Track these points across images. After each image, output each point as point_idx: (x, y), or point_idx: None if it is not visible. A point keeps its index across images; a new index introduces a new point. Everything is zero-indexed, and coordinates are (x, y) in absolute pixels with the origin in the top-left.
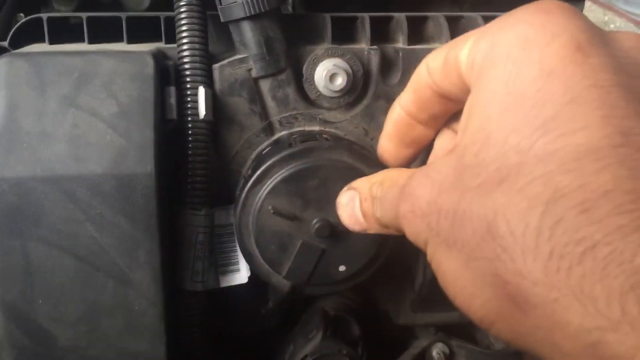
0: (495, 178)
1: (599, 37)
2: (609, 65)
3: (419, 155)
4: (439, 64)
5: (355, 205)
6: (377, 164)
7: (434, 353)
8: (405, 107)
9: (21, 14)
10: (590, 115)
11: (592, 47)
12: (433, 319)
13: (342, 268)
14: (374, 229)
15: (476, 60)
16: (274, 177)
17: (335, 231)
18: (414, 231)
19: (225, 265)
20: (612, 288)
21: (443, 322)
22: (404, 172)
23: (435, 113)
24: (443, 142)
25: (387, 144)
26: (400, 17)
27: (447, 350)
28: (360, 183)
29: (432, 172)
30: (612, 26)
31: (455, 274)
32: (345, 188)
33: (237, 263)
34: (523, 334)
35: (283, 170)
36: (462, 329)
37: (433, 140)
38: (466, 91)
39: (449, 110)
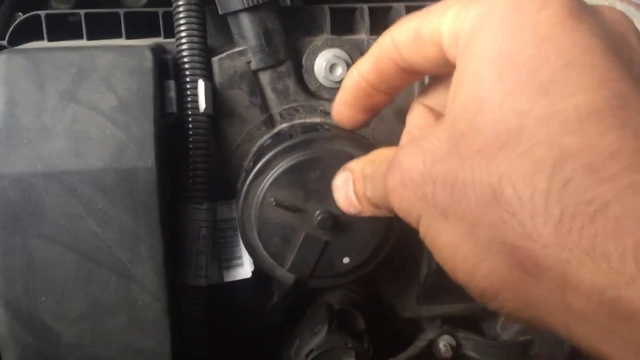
0: (495, 143)
1: (587, 6)
2: (599, 32)
3: (376, 116)
4: (408, 38)
5: (350, 187)
6: None
7: (441, 345)
8: (363, 76)
9: (19, 13)
10: (587, 79)
11: (582, 14)
12: (439, 311)
13: (346, 260)
14: (367, 210)
15: (463, 30)
16: (275, 169)
17: (338, 222)
18: (405, 206)
19: (228, 260)
20: (626, 245)
21: (449, 314)
22: (396, 150)
23: (396, 84)
24: (416, 118)
25: (343, 109)
26: (400, 7)
27: (453, 342)
28: (354, 163)
29: (422, 142)
30: None
31: (455, 246)
32: (340, 170)
33: (240, 257)
34: (531, 302)
35: (284, 162)
36: (469, 321)
37: (390, 103)
38: (442, 65)
39: (410, 82)
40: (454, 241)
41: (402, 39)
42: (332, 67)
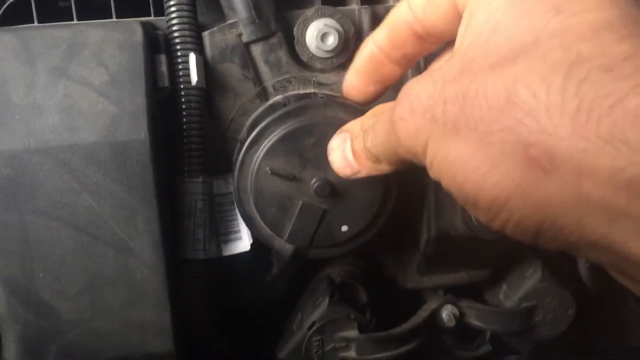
0: (510, 54)
1: None
2: None
3: (384, 93)
4: (423, 1)
5: (347, 146)
6: None
7: (444, 315)
8: (379, 44)
9: None
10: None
11: None
12: (441, 280)
13: (344, 228)
14: (365, 167)
15: None
16: (269, 138)
17: (335, 190)
18: (412, 131)
19: (226, 234)
20: None
21: (451, 284)
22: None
23: (409, 53)
24: None
25: (355, 79)
26: None
27: (456, 312)
28: (352, 124)
29: (432, 72)
30: None
31: (466, 157)
32: (337, 132)
33: (238, 231)
34: (543, 202)
35: (279, 130)
36: (471, 290)
37: (399, 78)
38: (454, 23)
39: (423, 51)
40: (464, 153)
41: (418, 2)
42: (323, 37)
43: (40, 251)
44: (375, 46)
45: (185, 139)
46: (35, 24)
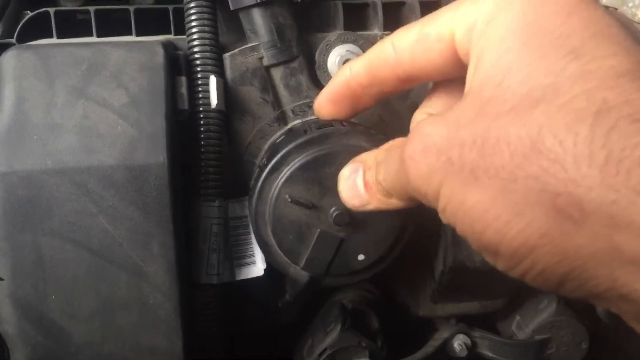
0: (529, 99)
1: None
2: (610, 13)
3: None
4: (410, 40)
5: (358, 176)
6: None
7: (456, 344)
8: (356, 77)
9: (27, 12)
10: (616, 46)
11: None
12: (454, 309)
13: (361, 257)
14: (375, 200)
15: (480, 18)
16: (290, 165)
17: (354, 219)
18: (424, 173)
19: (241, 258)
20: None
21: (464, 313)
22: None
23: (386, 90)
24: None
25: (326, 103)
26: (413, 2)
27: (469, 342)
28: (366, 155)
29: (444, 114)
30: (630, 4)
31: (485, 205)
32: (349, 162)
33: (252, 255)
34: (571, 252)
35: (300, 158)
36: (484, 320)
37: (371, 107)
38: (447, 65)
39: (401, 89)
40: (484, 200)
41: (404, 44)
42: (345, 63)
43: (53, 273)
44: (351, 77)
45: (203, 162)
46: (55, 38)
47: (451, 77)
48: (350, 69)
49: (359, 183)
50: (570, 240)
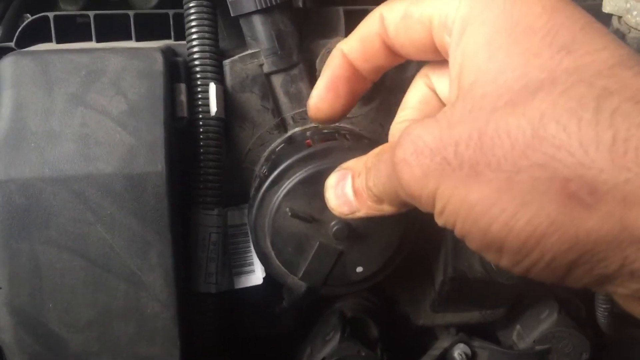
0: (526, 92)
1: None
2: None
3: (349, 111)
4: (396, 15)
5: (347, 183)
6: None
7: (456, 354)
8: (350, 55)
9: (27, 15)
10: (605, 39)
11: None
12: (454, 319)
13: (359, 269)
14: (365, 207)
15: (459, 13)
16: (292, 178)
17: (354, 232)
18: (418, 175)
19: (239, 267)
20: None
21: (464, 322)
22: None
23: (380, 65)
24: (418, 98)
25: (324, 92)
26: None
27: (468, 351)
28: (354, 162)
29: (435, 116)
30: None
31: (491, 199)
32: (335, 170)
33: (251, 264)
34: (581, 237)
35: (302, 171)
36: (484, 329)
37: (364, 93)
38: (426, 50)
39: (394, 63)
40: (487, 196)
41: (391, 16)
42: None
43: (50, 282)
44: (345, 57)
45: (202, 170)
46: (54, 42)
47: (429, 60)
48: (342, 50)
49: (348, 190)
50: (581, 225)
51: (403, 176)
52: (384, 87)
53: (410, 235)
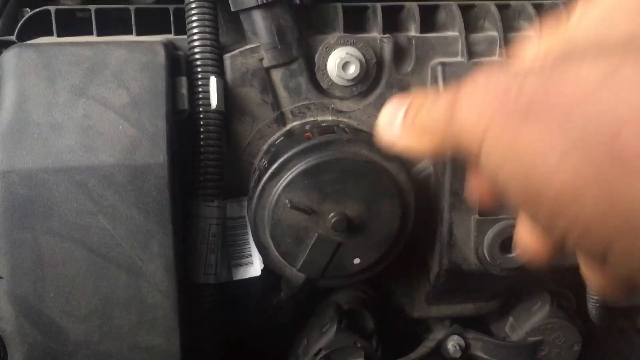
0: (622, 48)
1: None
2: None
3: None
4: None
5: (400, 108)
6: (396, 158)
7: (450, 345)
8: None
9: (27, 9)
10: None
11: None
12: (448, 311)
13: (356, 261)
14: (406, 136)
15: None
16: (291, 171)
17: (352, 224)
18: (476, 108)
19: (238, 258)
20: None
21: (458, 315)
22: None
23: None
24: None
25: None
26: (412, 5)
27: (462, 343)
28: (418, 94)
29: (512, 59)
30: None
31: (541, 142)
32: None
33: (250, 256)
34: (618, 197)
35: (301, 164)
36: (478, 322)
37: None
38: None
39: None
40: (539, 137)
41: None
42: (345, 66)
43: (52, 271)
44: None
45: (202, 162)
46: (55, 36)
47: None
48: None
49: (398, 113)
50: (618, 186)
51: (462, 108)
52: (381, 83)
53: (406, 228)
